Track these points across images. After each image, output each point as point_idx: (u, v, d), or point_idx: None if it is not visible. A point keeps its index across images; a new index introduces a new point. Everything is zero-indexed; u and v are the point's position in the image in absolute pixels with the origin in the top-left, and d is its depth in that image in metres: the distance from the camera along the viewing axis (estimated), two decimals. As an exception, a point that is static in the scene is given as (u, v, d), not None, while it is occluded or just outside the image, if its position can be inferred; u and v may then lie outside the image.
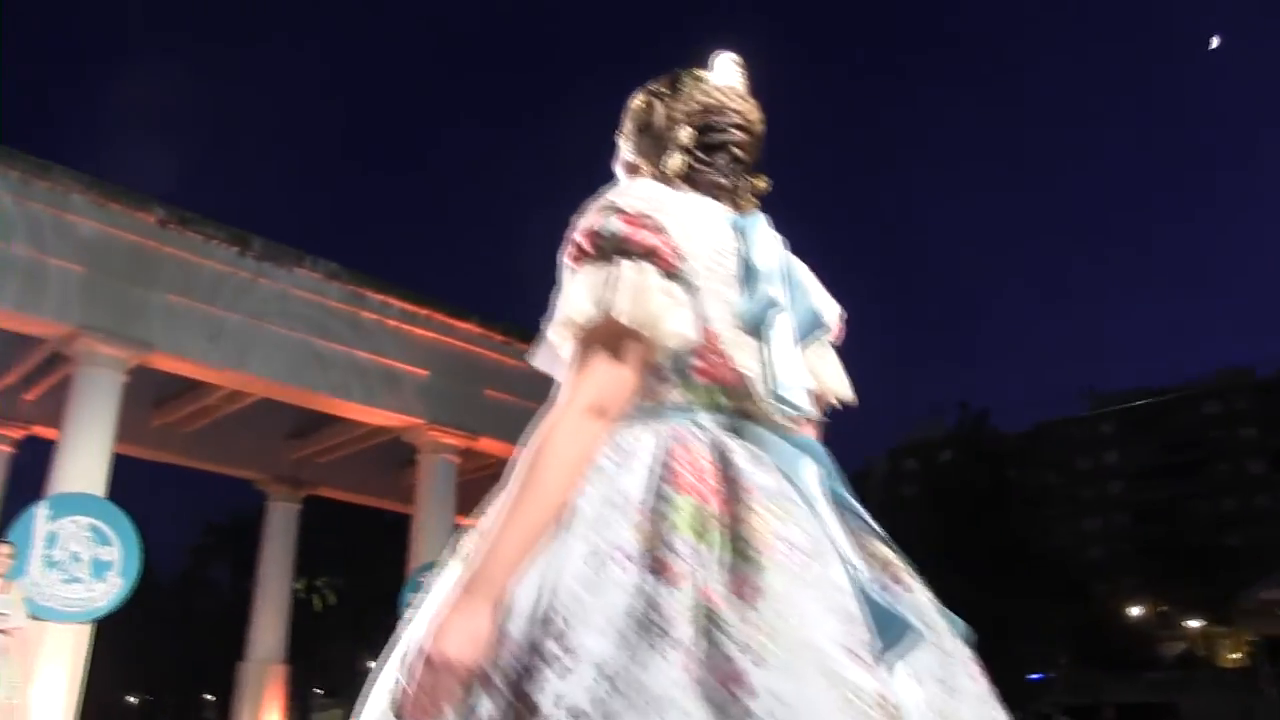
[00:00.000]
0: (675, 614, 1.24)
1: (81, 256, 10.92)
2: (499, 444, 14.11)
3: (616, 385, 1.47)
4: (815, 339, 1.64)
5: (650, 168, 1.69)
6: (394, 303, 13.12)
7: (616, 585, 1.28)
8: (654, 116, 1.71)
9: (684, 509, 1.34)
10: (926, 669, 1.33)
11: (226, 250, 11.90)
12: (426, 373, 13.29)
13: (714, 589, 1.27)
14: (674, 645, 1.22)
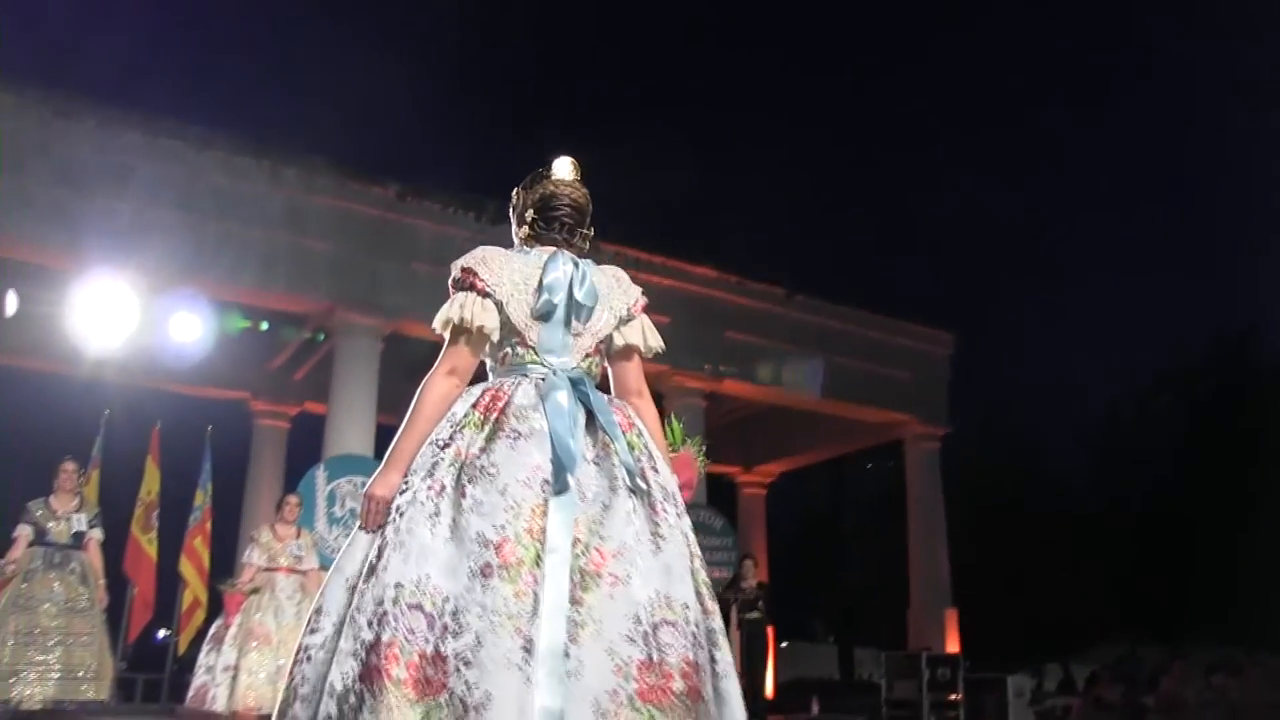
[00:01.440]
0: (443, 461, 2.37)
1: (330, 234, 11.46)
2: (743, 386, 14.00)
3: (458, 357, 2.57)
4: (606, 319, 2.73)
5: (516, 231, 2.86)
6: (628, 252, 13.12)
7: (427, 452, 2.42)
8: (518, 202, 2.88)
9: (471, 417, 2.45)
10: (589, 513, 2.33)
11: (464, 216, 12.22)
12: (667, 319, 13.23)
13: (470, 451, 2.37)
14: (439, 486, 2.33)
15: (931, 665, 12.35)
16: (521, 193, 2.83)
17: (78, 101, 10.59)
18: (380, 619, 2.12)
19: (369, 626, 2.13)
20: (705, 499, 13.32)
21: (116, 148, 10.65)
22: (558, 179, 2.79)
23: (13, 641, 7.11)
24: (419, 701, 2.04)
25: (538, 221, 2.76)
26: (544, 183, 2.78)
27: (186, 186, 10.90)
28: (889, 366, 14.81)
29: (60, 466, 7.86)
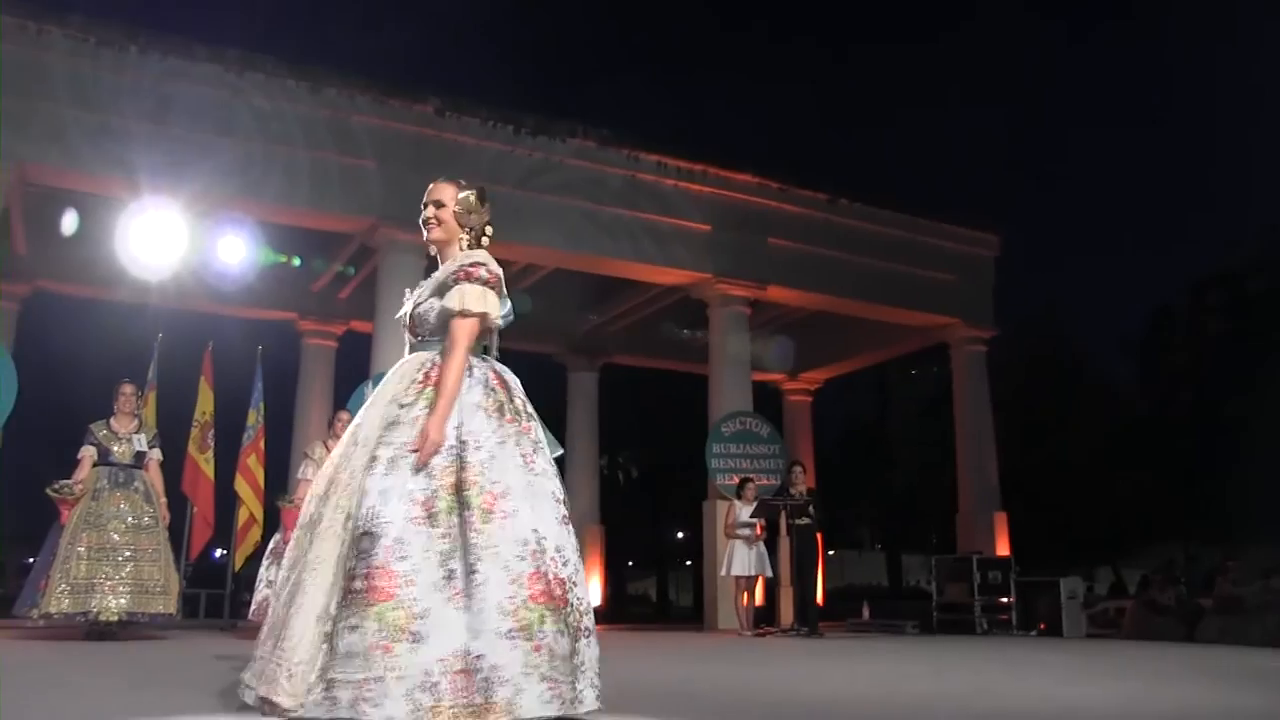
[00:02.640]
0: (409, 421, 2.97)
1: (371, 152, 11.47)
2: (787, 292, 13.96)
3: (474, 340, 3.12)
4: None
5: (467, 234, 3.36)
6: (669, 161, 13.06)
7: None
8: (474, 211, 3.37)
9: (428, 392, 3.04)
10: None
11: (503, 130, 12.18)
12: (709, 227, 13.21)
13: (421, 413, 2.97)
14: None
15: (982, 568, 12.42)
16: (475, 202, 3.36)
17: (120, 30, 10.60)
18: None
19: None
20: (752, 407, 13.36)
21: (158, 74, 10.70)
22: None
23: (87, 557, 7.35)
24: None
25: (489, 238, 3.41)
26: (488, 206, 3.41)
27: (228, 110, 10.95)
28: (934, 269, 14.68)
29: (119, 389, 8.03)
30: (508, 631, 2.66)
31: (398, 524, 2.73)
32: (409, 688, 2.56)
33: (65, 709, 3.32)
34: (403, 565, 2.68)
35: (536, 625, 2.70)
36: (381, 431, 2.94)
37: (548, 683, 2.68)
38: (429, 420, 2.89)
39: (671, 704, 3.87)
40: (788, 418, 17.51)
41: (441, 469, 2.85)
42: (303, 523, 3.00)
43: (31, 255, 12.91)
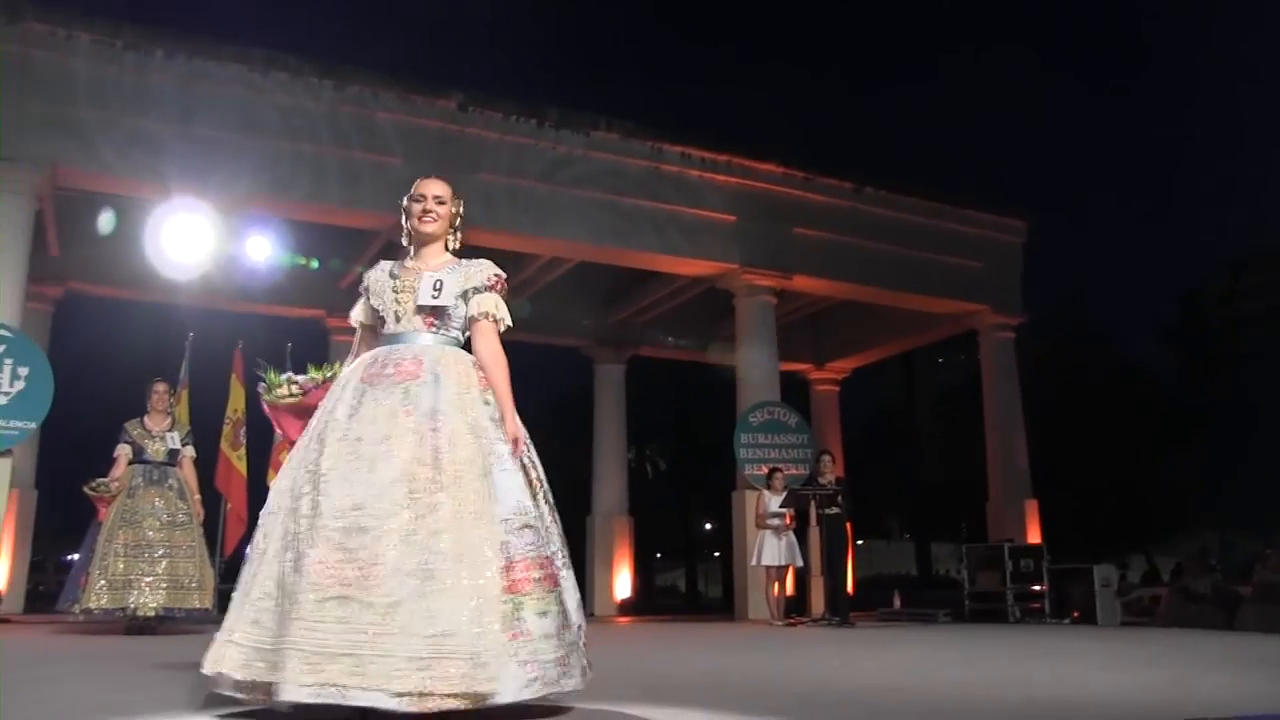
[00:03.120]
0: (497, 419, 3.19)
1: (395, 148, 11.50)
2: (814, 281, 13.92)
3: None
4: None
5: (453, 235, 3.59)
6: (693, 153, 13.04)
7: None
8: (459, 215, 3.62)
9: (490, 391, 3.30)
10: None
11: (526, 124, 12.19)
12: (734, 218, 13.19)
13: None
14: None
15: (1014, 556, 12.36)
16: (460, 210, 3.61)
17: (145, 33, 10.70)
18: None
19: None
20: (779, 397, 13.35)
21: (184, 75, 10.80)
22: None
23: (124, 554, 7.45)
24: None
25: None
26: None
27: (253, 109, 11.03)
28: (960, 256, 14.60)
29: (152, 388, 8.13)
30: (578, 604, 3.09)
31: (540, 517, 3.04)
32: (578, 658, 2.97)
33: (101, 699, 3.37)
34: (551, 553, 3.02)
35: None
36: (475, 426, 3.09)
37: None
38: (509, 423, 3.15)
39: (704, 694, 3.88)
40: (815, 407, 17.47)
41: (529, 467, 3.15)
42: (392, 512, 2.84)
43: (63, 257, 13.04)
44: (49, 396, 9.94)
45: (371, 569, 2.76)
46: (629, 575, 15.78)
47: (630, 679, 4.67)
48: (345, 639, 2.68)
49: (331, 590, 2.74)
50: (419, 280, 3.38)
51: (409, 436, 2.99)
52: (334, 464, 2.96)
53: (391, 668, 2.62)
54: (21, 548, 11.90)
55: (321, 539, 2.82)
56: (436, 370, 3.18)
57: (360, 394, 3.15)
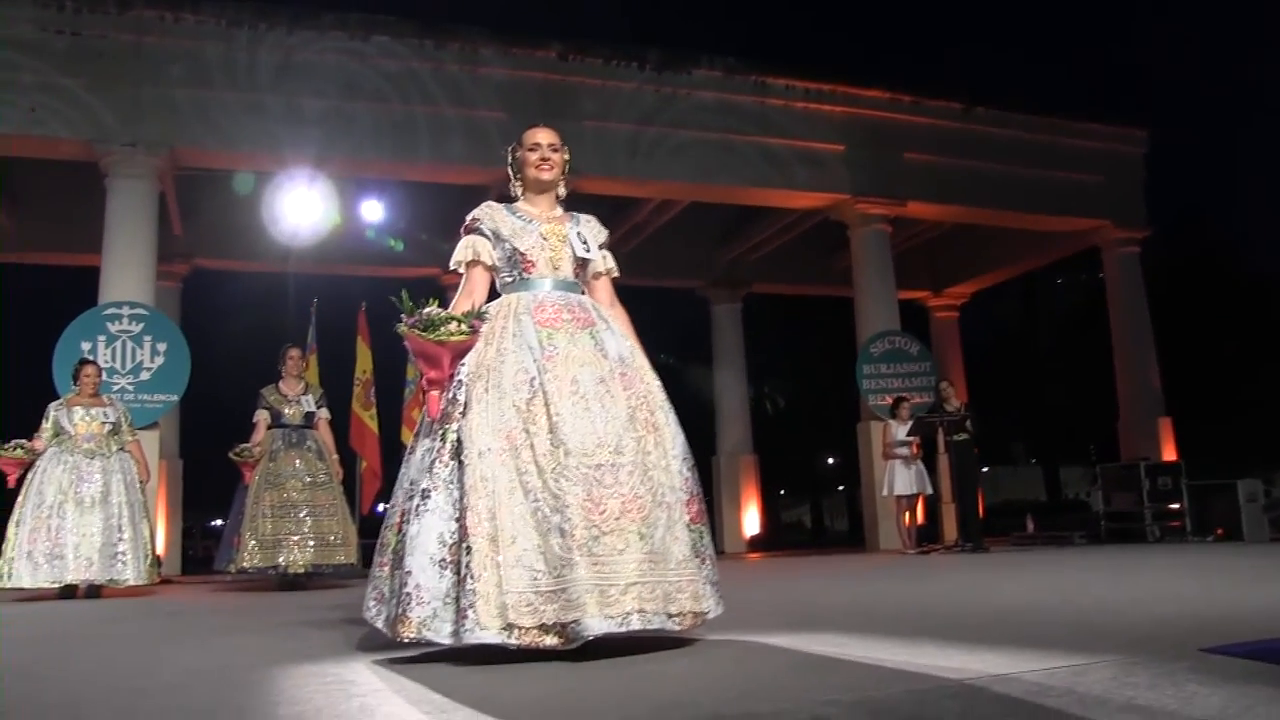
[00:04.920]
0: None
1: (498, 103, 11.56)
2: (927, 206, 13.64)
3: None
4: None
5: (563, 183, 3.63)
6: (798, 84, 12.83)
7: None
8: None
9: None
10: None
11: (627, 68, 12.13)
12: (843, 147, 12.96)
13: None
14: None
15: (1150, 475, 12.01)
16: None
17: (248, 8, 10.92)
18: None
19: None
20: (899, 325, 13.15)
21: (288, 46, 11.03)
22: None
23: (271, 515, 7.72)
24: None
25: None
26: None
27: (355, 74, 11.20)
28: (1079, 171, 14.10)
29: (285, 353, 8.36)
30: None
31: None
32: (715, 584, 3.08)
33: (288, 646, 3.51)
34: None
35: None
36: (649, 370, 3.24)
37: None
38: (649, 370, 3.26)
39: (852, 621, 3.87)
40: (935, 334, 17.19)
41: None
42: (622, 448, 2.94)
43: (187, 235, 13.50)
44: (187, 370, 10.36)
45: (634, 502, 2.88)
46: (757, 512, 15.83)
47: (778, 611, 4.69)
48: (629, 570, 2.80)
49: (606, 525, 2.82)
50: (565, 228, 3.42)
51: (617, 379, 3.09)
52: (559, 404, 2.96)
53: (664, 593, 2.84)
54: (174, 514, 12.47)
55: (579, 477, 2.85)
56: (607, 317, 3.31)
57: (548, 336, 3.11)
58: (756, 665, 2.66)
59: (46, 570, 7.01)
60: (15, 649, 3.92)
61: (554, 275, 3.34)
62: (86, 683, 2.87)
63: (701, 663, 2.74)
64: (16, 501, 7.23)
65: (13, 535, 7.09)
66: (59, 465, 7.27)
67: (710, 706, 2.07)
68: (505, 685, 2.46)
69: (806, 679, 2.38)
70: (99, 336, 10.06)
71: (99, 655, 3.68)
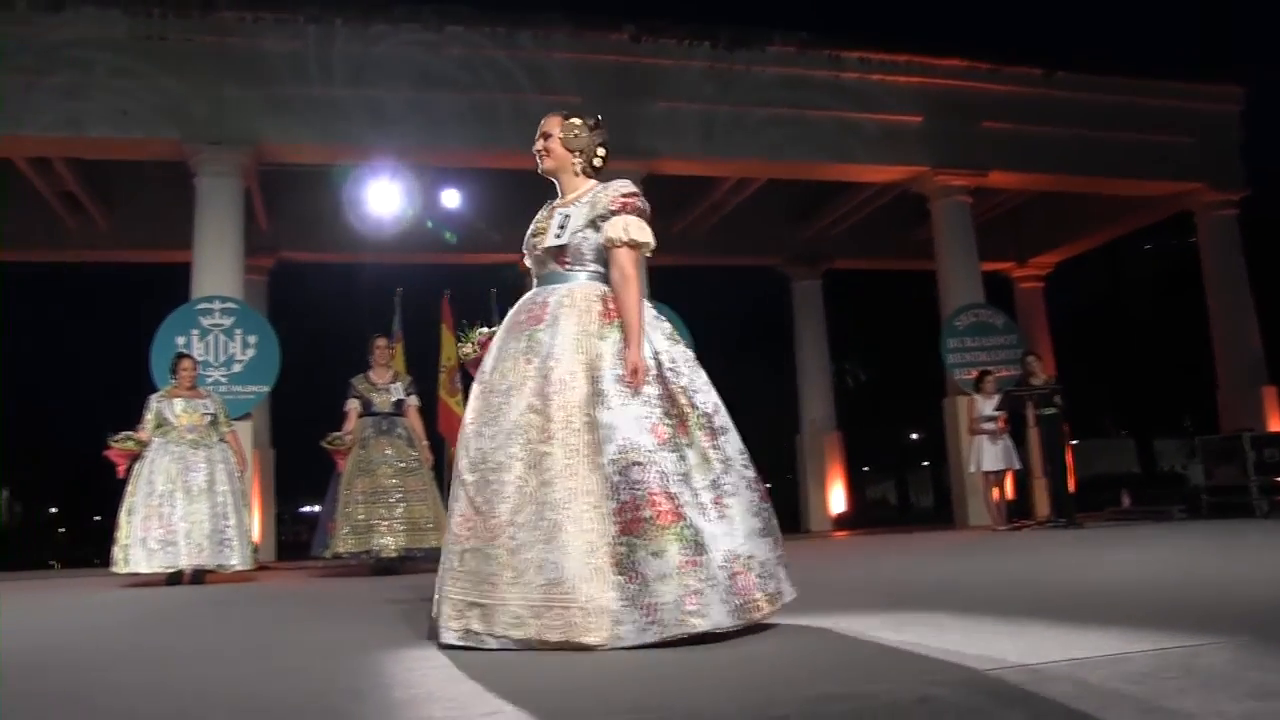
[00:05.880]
0: (614, 353, 3.04)
1: (574, 86, 11.59)
2: (1009, 175, 13.36)
3: (641, 267, 3.17)
4: None
5: (578, 158, 3.39)
6: (872, 56, 12.65)
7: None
8: (579, 135, 3.40)
9: (617, 323, 3.10)
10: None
11: (700, 47, 12.08)
12: (921, 118, 12.76)
13: None
14: None
15: (1256, 446, 11.58)
16: (587, 132, 3.38)
17: (324, 5, 11.10)
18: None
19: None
20: (983, 298, 12.93)
21: (364, 40, 11.19)
22: (605, 130, 3.42)
23: (363, 501, 7.87)
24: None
25: (605, 158, 3.40)
26: (602, 130, 3.41)
27: (430, 65, 11.32)
28: (1170, 133, 13.67)
29: (373, 343, 8.50)
30: (760, 530, 2.92)
31: (654, 451, 2.83)
32: (721, 594, 2.73)
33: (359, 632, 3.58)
34: (674, 487, 2.79)
35: (769, 521, 2.99)
36: (589, 365, 2.97)
37: (786, 569, 3.00)
38: (630, 352, 2.96)
39: (947, 600, 3.83)
40: (1020, 306, 16.87)
41: (656, 396, 2.95)
42: (508, 465, 2.91)
43: (272, 229, 13.78)
44: (277, 361, 10.60)
45: (491, 521, 2.89)
46: (842, 490, 15.73)
47: (871, 590, 4.66)
48: (477, 589, 2.86)
49: (469, 543, 2.93)
50: (552, 219, 3.30)
51: (528, 384, 2.99)
52: (474, 418, 3.10)
53: (511, 615, 2.78)
54: (267, 502, 12.77)
55: (462, 494, 3.01)
56: (559, 312, 3.10)
57: (500, 344, 3.17)
58: (855, 645, 2.65)
59: (160, 556, 7.24)
60: (136, 633, 4.06)
61: (538, 271, 3.30)
62: (210, 664, 2.96)
63: (798, 645, 2.74)
64: (127, 491, 7.47)
65: (125, 523, 7.34)
66: (166, 455, 7.49)
67: (819, 687, 2.07)
68: (611, 672, 2.47)
69: (909, 659, 2.36)
70: (192, 331, 10.34)
71: (217, 639, 3.80)
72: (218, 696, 2.38)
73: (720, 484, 2.90)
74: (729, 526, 2.83)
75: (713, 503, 2.85)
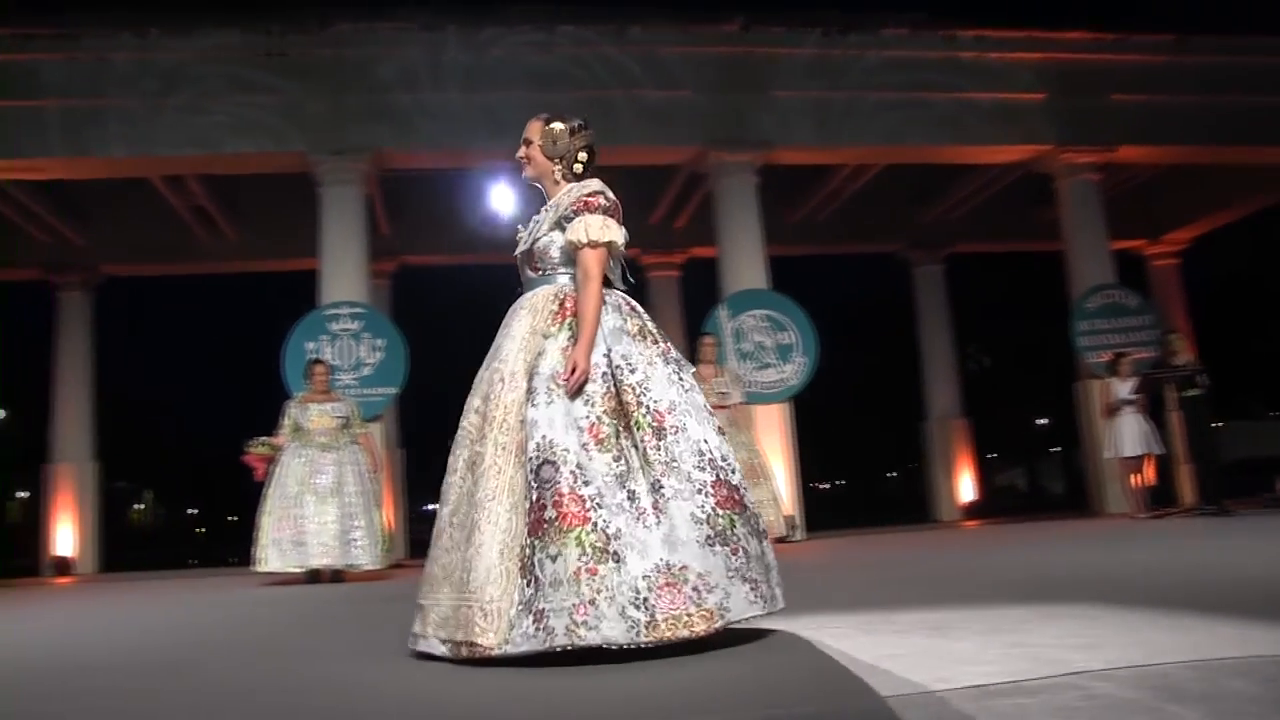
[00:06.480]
0: (557, 351, 3.03)
1: (685, 80, 11.58)
2: (1140, 150, 12.84)
3: (604, 266, 3.07)
4: None
5: (559, 164, 3.29)
6: (989, 34, 12.29)
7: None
8: (559, 140, 3.28)
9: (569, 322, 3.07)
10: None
11: (810, 34, 11.91)
12: (1043, 95, 12.35)
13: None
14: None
15: None
16: (567, 136, 3.27)
17: (437, 11, 11.31)
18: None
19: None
20: (1114, 278, 12.46)
21: (477, 44, 11.36)
22: (590, 133, 3.33)
23: None
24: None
25: (589, 161, 3.28)
26: (585, 134, 3.30)
27: (543, 66, 11.41)
28: (1319, 93, 12.88)
29: None
30: (706, 539, 2.69)
31: (574, 451, 2.76)
32: (621, 606, 2.57)
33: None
34: (588, 490, 2.70)
35: (729, 529, 2.74)
36: (531, 364, 2.96)
37: (749, 584, 2.72)
38: (575, 350, 2.90)
39: (1096, 590, 3.68)
40: (1154, 284, 16.22)
41: (601, 395, 2.86)
42: (455, 467, 2.98)
43: (393, 234, 14.09)
44: (404, 363, 10.83)
45: (439, 524, 2.98)
46: (971, 478, 15.38)
47: (1017, 579, 4.52)
48: (424, 591, 2.95)
49: (432, 550, 3.00)
50: (529, 226, 3.30)
51: (480, 388, 3.04)
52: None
53: (440, 617, 2.83)
54: (399, 501, 13.06)
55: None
56: (516, 315, 3.12)
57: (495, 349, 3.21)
58: (1009, 639, 2.55)
59: (292, 555, 7.48)
60: (282, 632, 4.17)
61: (521, 278, 3.26)
62: (356, 659, 3.02)
63: (956, 637, 2.65)
64: (265, 494, 7.73)
65: (265, 524, 7.59)
66: (297, 458, 7.73)
67: (974, 676, 2.00)
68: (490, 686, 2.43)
69: (1067, 652, 2.26)
70: (321, 336, 10.62)
71: (357, 638, 3.87)
72: (373, 687, 2.39)
73: (660, 487, 2.74)
74: (668, 533, 2.67)
75: (652, 508, 2.72)
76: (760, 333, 11.13)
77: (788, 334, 11.20)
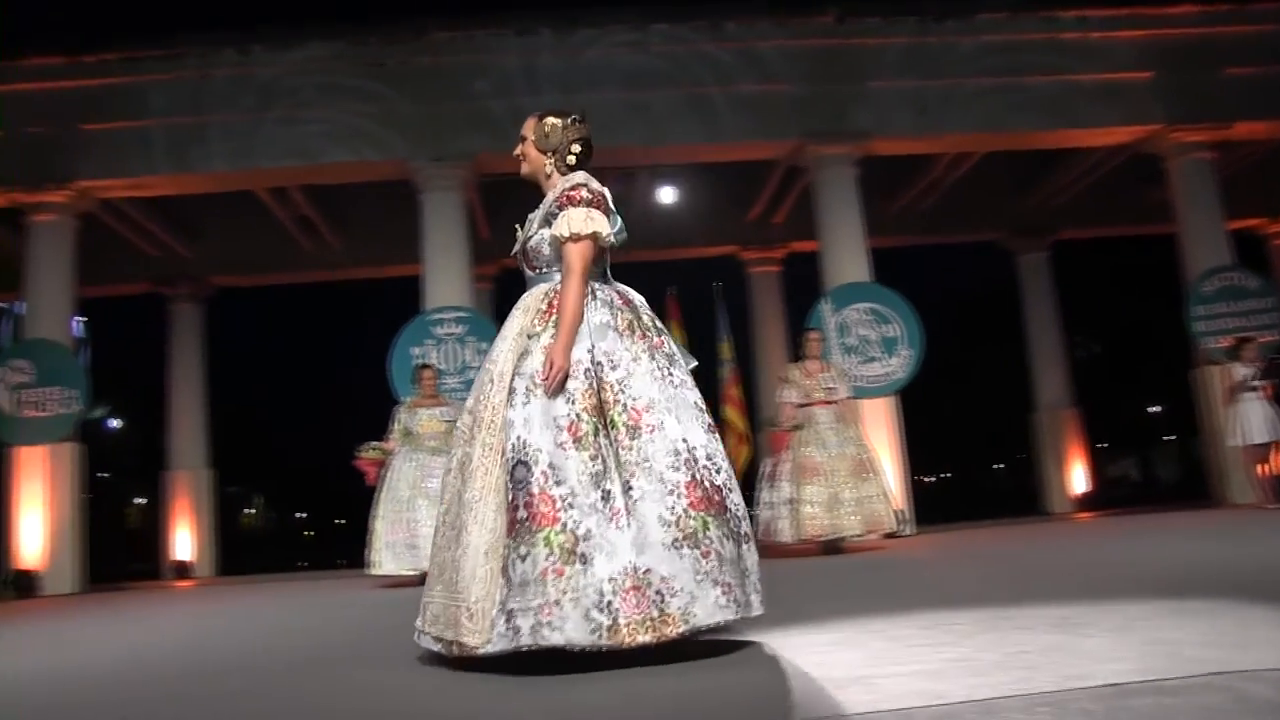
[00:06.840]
0: (538, 350, 2.94)
1: (781, 73, 11.53)
2: (1260, 125, 12.34)
3: (588, 260, 2.98)
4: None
5: (551, 159, 3.24)
6: (1091, 13, 11.96)
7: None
8: (551, 134, 3.23)
9: (554, 320, 2.98)
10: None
11: (906, 22, 11.75)
12: (1151, 73, 11.97)
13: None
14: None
15: None
16: (559, 129, 3.22)
17: (530, 15, 11.45)
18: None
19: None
20: (1231, 260, 12.01)
21: (572, 47, 11.46)
22: (586, 126, 3.27)
23: None
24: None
25: (582, 154, 3.23)
26: (580, 127, 3.24)
27: (638, 65, 11.47)
28: None
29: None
30: (673, 542, 2.63)
31: (547, 450, 2.73)
32: (585, 609, 2.55)
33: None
34: (559, 490, 2.67)
35: (701, 532, 2.66)
36: (514, 364, 2.93)
37: (720, 588, 2.65)
38: (552, 346, 2.86)
39: (1236, 584, 3.55)
40: (1276, 264, 15.59)
41: (581, 392, 2.82)
42: (450, 466, 3.01)
43: (493, 238, 14.23)
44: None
45: (439, 525, 3.03)
46: (1083, 469, 15.00)
47: (1144, 573, 4.39)
48: (425, 590, 3.01)
49: (431, 549, 3.11)
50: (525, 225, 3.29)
51: (474, 390, 3.06)
52: None
53: (434, 615, 2.88)
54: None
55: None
56: (511, 316, 3.10)
57: None
58: (1142, 635, 2.48)
59: (406, 558, 7.57)
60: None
61: (526, 279, 3.23)
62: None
63: (1097, 633, 2.58)
64: (377, 498, 7.86)
65: (379, 529, 7.71)
66: (409, 463, 7.83)
67: (1108, 675, 1.94)
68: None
69: (1208, 650, 2.18)
70: (427, 341, 10.81)
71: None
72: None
73: (631, 488, 2.69)
74: (636, 535, 2.63)
75: (625, 508, 2.67)
76: (865, 326, 11.01)
77: (892, 326, 11.08)
